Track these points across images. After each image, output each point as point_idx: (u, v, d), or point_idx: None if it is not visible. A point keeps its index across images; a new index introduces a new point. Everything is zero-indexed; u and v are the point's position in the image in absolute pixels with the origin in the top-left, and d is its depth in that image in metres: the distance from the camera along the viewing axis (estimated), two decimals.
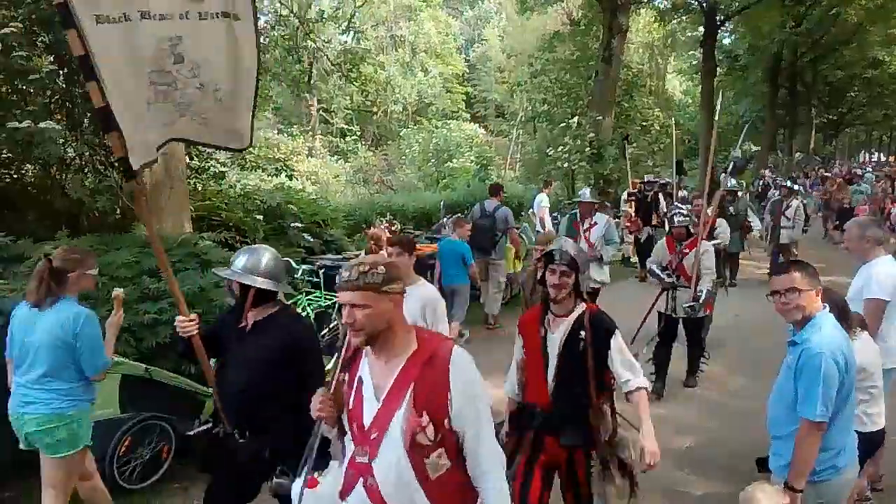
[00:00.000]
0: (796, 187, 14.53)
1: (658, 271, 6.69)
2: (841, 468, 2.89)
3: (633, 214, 12.80)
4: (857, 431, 3.17)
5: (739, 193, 11.63)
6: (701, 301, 6.41)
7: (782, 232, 11.66)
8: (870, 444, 3.55)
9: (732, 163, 10.36)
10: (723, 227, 8.28)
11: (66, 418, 3.61)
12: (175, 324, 3.27)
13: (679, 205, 7.63)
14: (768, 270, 10.88)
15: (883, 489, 4.51)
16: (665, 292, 6.66)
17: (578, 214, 7.69)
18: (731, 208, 10.64)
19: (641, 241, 12.47)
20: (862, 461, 3.26)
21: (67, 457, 3.64)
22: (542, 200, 13.24)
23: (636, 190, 13.55)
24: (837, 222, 15.64)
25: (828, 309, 2.97)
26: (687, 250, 6.57)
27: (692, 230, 6.70)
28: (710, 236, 7.58)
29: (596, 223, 7.57)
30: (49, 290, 3.60)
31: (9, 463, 4.24)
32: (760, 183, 22.89)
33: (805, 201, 13.56)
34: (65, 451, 3.62)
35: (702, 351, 6.95)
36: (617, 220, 12.60)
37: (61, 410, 3.59)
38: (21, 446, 3.73)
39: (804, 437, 2.78)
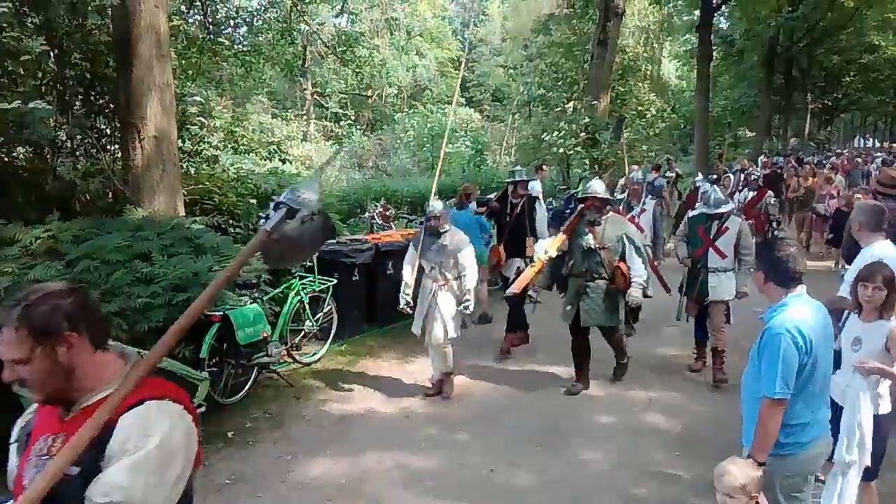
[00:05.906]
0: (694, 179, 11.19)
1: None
2: (806, 443, 2.98)
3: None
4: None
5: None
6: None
7: (710, 279, 6.32)
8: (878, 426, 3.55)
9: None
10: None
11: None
12: None
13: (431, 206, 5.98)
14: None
15: None
16: None
17: None
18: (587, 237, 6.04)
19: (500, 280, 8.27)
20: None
21: None
22: (536, 186, 13.15)
23: (499, 194, 8.57)
24: (831, 235, 10.62)
25: (803, 288, 3.02)
26: None
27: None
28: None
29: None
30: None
31: None
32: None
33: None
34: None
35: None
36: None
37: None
38: None
39: (764, 414, 2.89)
